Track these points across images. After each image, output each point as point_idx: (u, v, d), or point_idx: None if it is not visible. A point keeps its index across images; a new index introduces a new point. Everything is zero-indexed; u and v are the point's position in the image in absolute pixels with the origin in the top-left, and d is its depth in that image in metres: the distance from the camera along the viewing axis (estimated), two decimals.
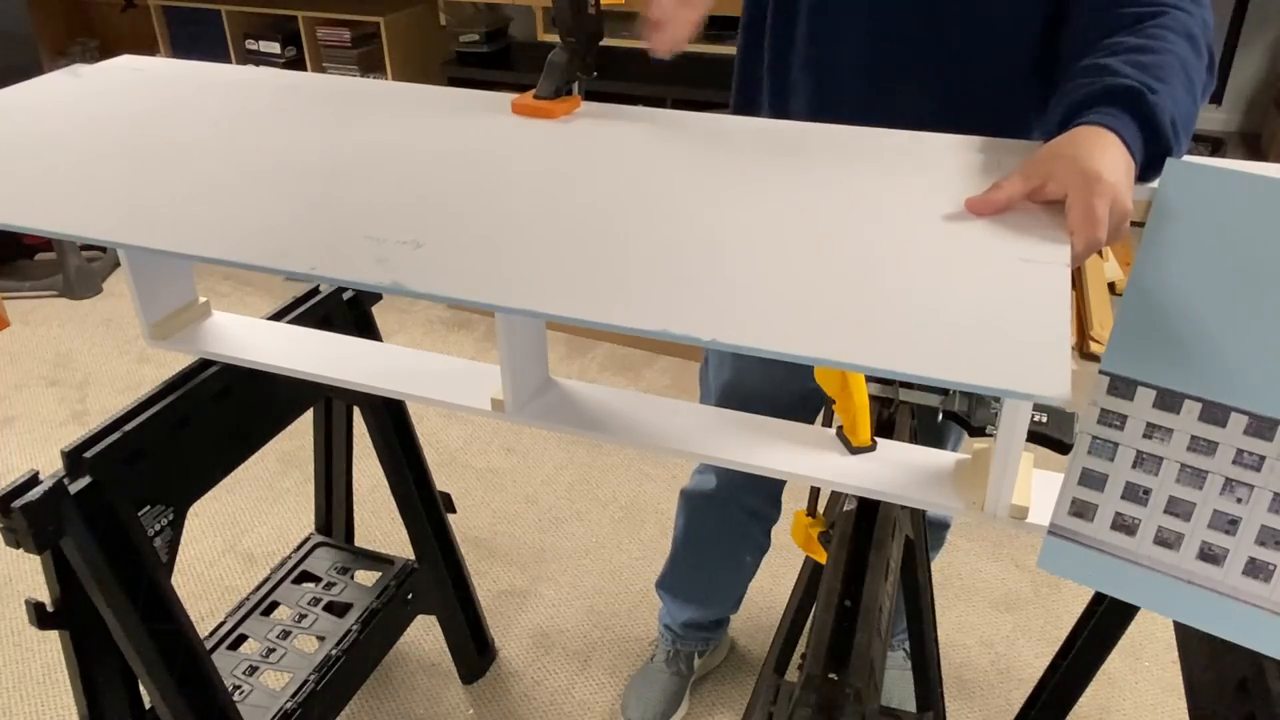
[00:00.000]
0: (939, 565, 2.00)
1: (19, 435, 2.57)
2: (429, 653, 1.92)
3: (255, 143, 0.99)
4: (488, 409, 0.96)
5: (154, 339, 1.09)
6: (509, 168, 0.93)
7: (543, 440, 2.50)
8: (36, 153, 0.98)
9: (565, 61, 1.02)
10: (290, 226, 0.82)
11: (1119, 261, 3.09)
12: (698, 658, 1.84)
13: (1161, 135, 0.79)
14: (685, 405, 0.98)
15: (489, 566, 2.12)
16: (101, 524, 1.08)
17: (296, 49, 3.54)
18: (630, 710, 1.78)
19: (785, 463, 0.90)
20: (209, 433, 1.23)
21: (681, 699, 1.81)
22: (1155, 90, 0.79)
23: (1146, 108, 0.79)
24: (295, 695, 1.48)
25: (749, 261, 0.75)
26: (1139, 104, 0.79)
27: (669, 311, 0.69)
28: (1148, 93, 0.79)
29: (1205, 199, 0.67)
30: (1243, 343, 0.65)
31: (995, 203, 0.79)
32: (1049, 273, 0.71)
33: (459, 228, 0.81)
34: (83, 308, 3.18)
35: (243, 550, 2.18)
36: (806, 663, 0.87)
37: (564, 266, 0.75)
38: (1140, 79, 0.80)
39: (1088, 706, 1.75)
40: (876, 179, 0.88)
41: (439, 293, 0.72)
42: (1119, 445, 0.69)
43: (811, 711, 0.82)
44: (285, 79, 1.17)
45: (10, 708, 1.80)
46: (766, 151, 0.95)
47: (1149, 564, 0.70)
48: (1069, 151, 0.78)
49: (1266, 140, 3.85)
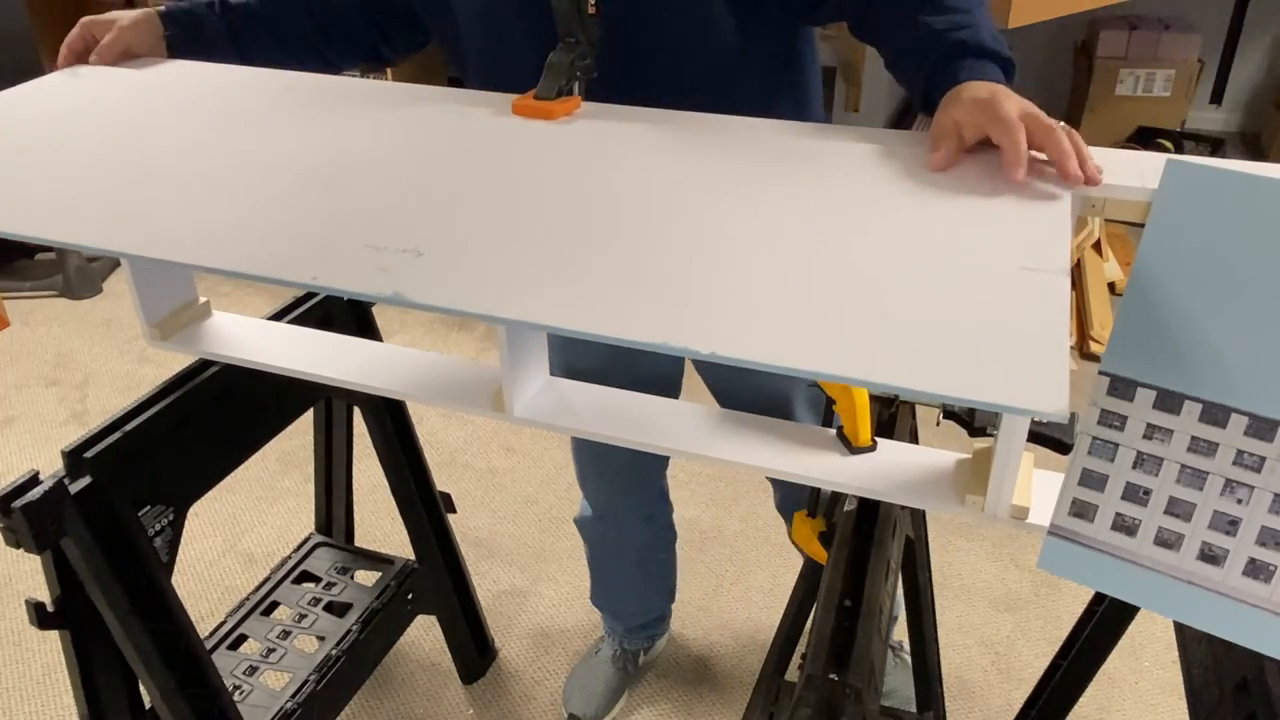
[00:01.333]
0: (939, 565, 2.00)
1: (19, 435, 2.57)
2: (429, 653, 1.92)
3: (255, 146, 0.99)
4: (488, 409, 0.96)
5: (154, 339, 1.09)
6: (510, 171, 0.93)
7: (543, 440, 2.50)
8: (34, 157, 0.98)
9: (565, 62, 1.02)
10: (290, 234, 0.82)
11: (1119, 261, 3.09)
12: (643, 655, 1.88)
13: (1000, 54, 0.92)
14: (685, 405, 0.98)
15: (489, 566, 2.12)
16: (101, 524, 1.08)
17: None
18: (573, 704, 1.79)
19: (785, 463, 0.90)
20: (209, 433, 1.23)
21: (623, 693, 1.83)
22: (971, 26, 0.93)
23: (978, 48, 0.92)
24: (295, 695, 1.48)
25: (748, 270, 0.75)
26: (969, 47, 0.92)
27: (668, 324, 0.69)
28: (970, 38, 0.92)
29: (1205, 199, 0.67)
30: (1243, 343, 0.65)
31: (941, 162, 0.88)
32: (1049, 281, 0.71)
33: (459, 235, 0.81)
34: (83, 308, 3.18)
35: (243, 550, 2.18)
36: (806, 663, 0.87)
37: (564, 276, 0.75)
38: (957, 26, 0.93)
39: (1088, 706, 1.75)
40: (877, 179, 0.88)
41: (440, 304, 0.72)
42: (1119, 446, 0.69)
43: (811, 711, 0.82)
44: (285, 79, 1.17)
45: (10, 708, 1.80)
46: (767, 152, 0.95)
47: (1149, 564, 0.70)
48: (961, 103, 0.88)
49: (1266, 140, 3.85)
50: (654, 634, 1.88)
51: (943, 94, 0.90)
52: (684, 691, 1.85)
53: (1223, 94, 3.87)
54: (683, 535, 2.20)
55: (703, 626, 1.97)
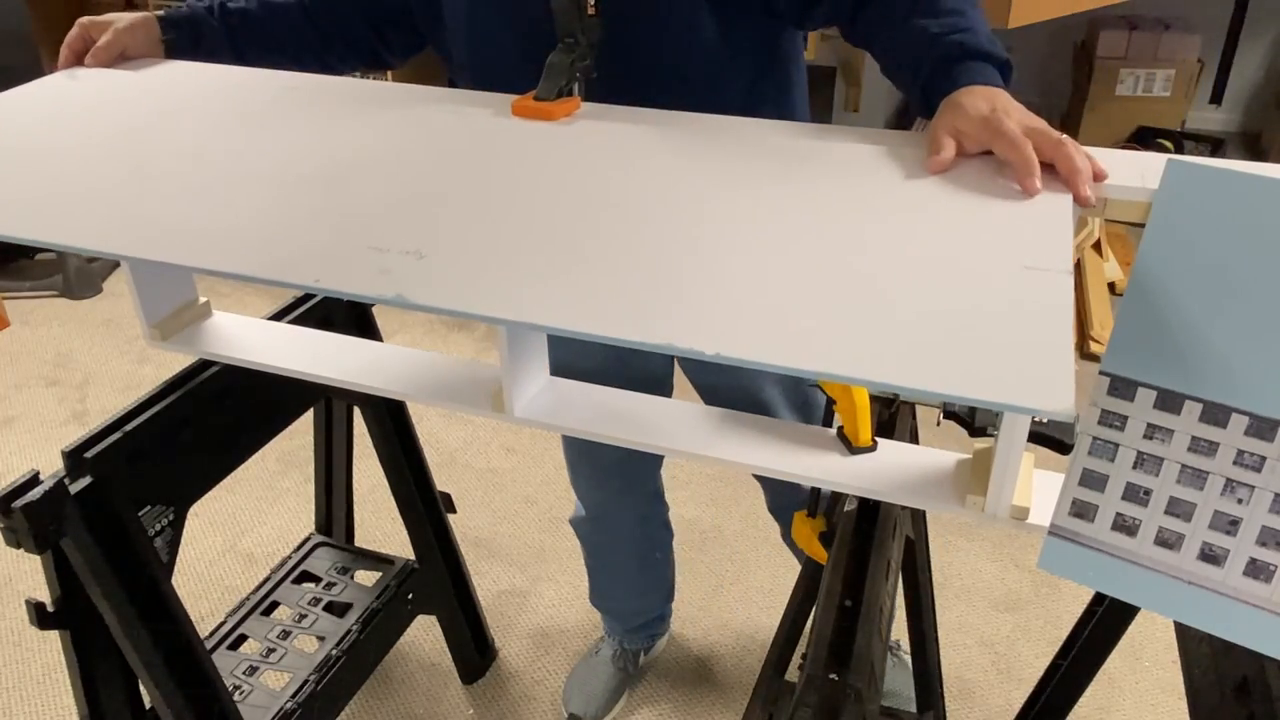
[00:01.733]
0: (939, 565, 2.00)
1: (19, 435, 2.57)
2: (429, 653, 1.92)
3: (255, 147, 0.99)
4: (488, 409, 0.96)
5: (154, 339, 1.09)
6: (510, 172, 0.93)
7: (543, 440, 2.50)
8: (33, 159, 0.98)
9: (565, 62, 1.02)
10: (292, 236, 0.82)
11: (1119, 261, 3.09)
12: (643, 655, 1.88)
13: (998, 56, 0.91)
14: (685, 405, 0.98)
15: (489, 566, 2.12)
16: (101, 524, 1.08)
17: None
18: (573, 703, 1.79)
19: (785, 463, 0.90)
20: (209, 433, 1.23)
21: (623, 693, 1.83)
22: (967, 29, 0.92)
23: (975, 50, 0.91)
24: (295, 695, 1.48)
25: (751, 270, 0.75)
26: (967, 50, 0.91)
27: (672, 325, 0.69)
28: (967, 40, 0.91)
29: (1205, 199, 0.66)
30: (1243, 343, 0.65)
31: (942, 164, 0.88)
32: (1051, 280, 0.71)
33: (461, 236, 0.81)
34: (83, 308, 3.18)
35: (243, 550, 2.18)
36: (806, 663, 0.87)
37: (567, 277, 0.75)
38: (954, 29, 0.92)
39: (1088, 706, 1.75)
40: (879, 179, 0.88)
41: (442, 306, 0.72)
42: (1119, 446, 0.69)
43: (811, 711, 0.82)
44: (285, 80, 1.17)
45: (10, 708, 1.80)
46: (767, 153, 0.95)
47: (1149, 564, 0.70)
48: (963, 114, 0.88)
49: (1266, 140, 3.85)
50: (654, 634, 1.88)
51: (942, 97, 0.90)
52: (684, 691, 1.85)
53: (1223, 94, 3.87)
54: (682, 535, 2.20)
55: (703, 626, 1.97)
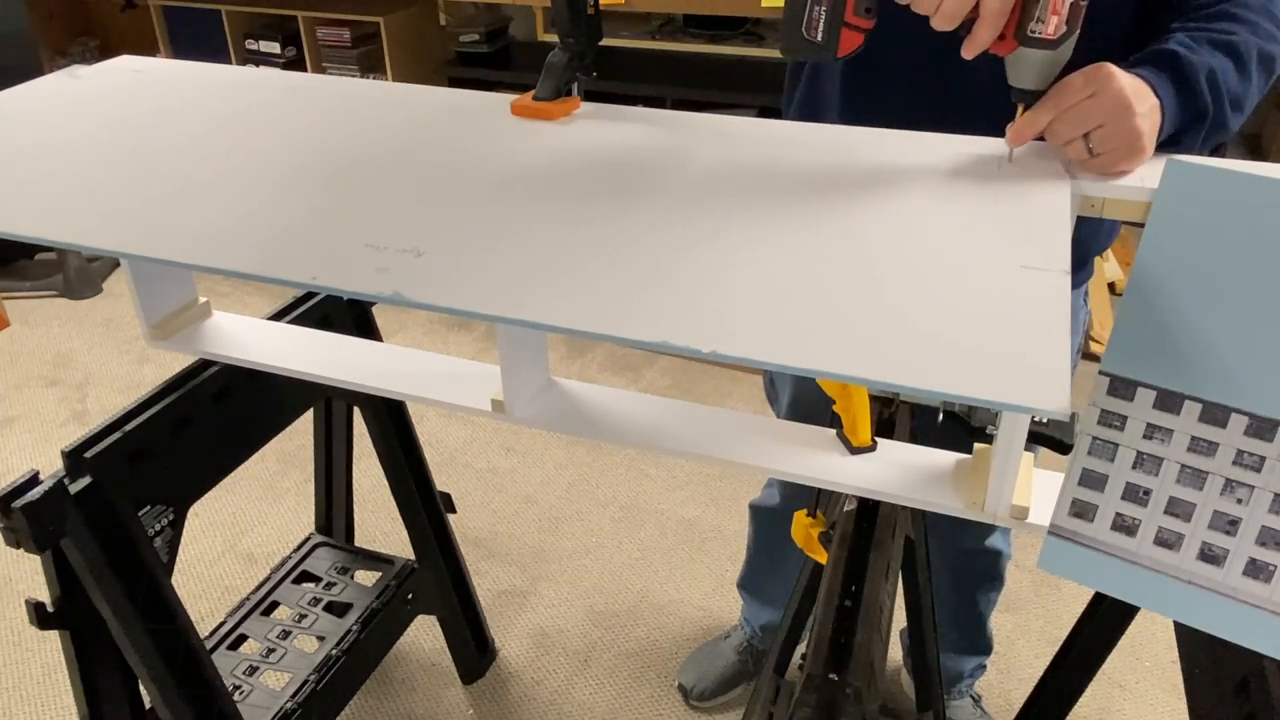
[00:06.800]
0: None
1: (19, 435, 2.57)
2: (429, 653, 1.92)
3: (255, 146, 0.99)
4: (488, 409, 0.96)
5: (154, 339, 1.09)
6: (509, 171, 0.93)
7: (543, 440, 2.50)
8: (34, 158, 0.98)
9: (564, 62, 1.02)
10: (291, 234, 0.82)
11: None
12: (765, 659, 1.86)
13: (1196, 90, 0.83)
14: (685, 405, 0.98)
15: (489, 566, 2.12)
16: (101, 524, 1.08)
17: (296, 49, 3.53)
18: (686, 675, 1.81)
19: (785, 463, 0.90)
20: (209, 433, 1.23)
21: (737, 685, 1.83)
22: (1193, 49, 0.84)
23: (1180, 64, 0.83)
24: (295, 695, 1.48)
25: (748, 269, 0.75)
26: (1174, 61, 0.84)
27: (670, 322, 0.69)
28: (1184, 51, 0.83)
29: (1205, 199, 0.67)
30: (1243, 343, 0.65)
31: (1027, 134, 0.85)
32: (1049, 280, 0.71)
33: (459, 234, 0.81)
34: (83, 308, 3.18)
35: (243, 550, 2.18)
36: (806, 663, 0.87)
37: (564, 275, 0.75)
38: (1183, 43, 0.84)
39: (1088, 706, 1.75)
40: (878, 180, 0.88)
41: (440, 304, 0.72)
42: (1119, 446, 0.69)
43: (811, 711, 0.82)
44: (285, 80, 1.17)
45: (10, 708, 1.80)
46: (766, 152, 0.95)
47: (1149, 564, 0.70)
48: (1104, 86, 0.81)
49: (1266, 140, 3.85)
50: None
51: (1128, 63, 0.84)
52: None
53: None
54: (682, 535, 2.20)
55: (703, 626, 1.97)
